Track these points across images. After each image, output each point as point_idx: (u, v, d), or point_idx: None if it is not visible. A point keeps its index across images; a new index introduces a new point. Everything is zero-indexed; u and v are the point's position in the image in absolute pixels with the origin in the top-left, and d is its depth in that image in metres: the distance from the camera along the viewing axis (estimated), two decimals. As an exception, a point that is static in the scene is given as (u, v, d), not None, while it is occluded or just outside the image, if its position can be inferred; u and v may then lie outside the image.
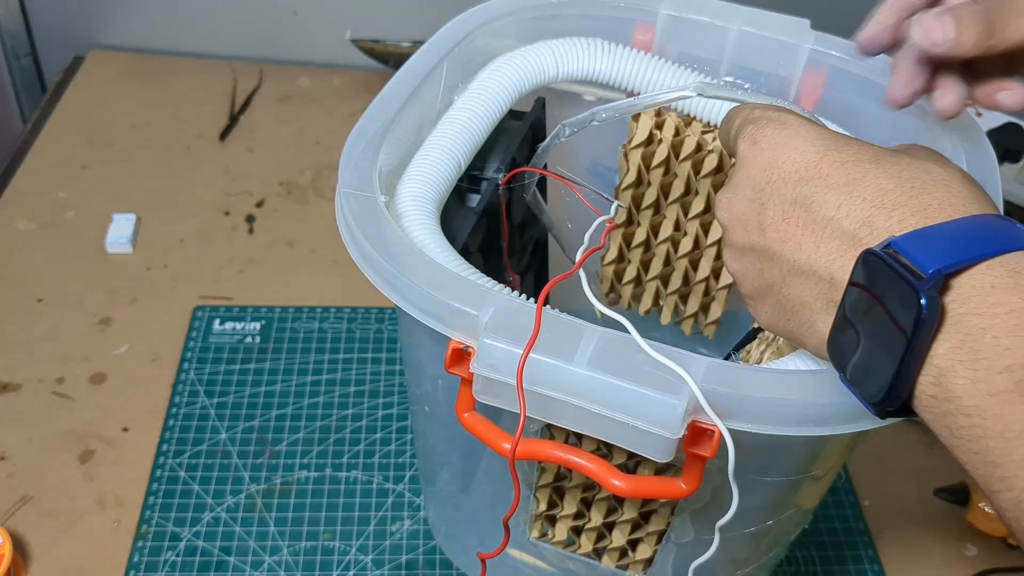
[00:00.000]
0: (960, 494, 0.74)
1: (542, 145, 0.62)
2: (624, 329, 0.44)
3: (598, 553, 0.58)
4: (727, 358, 0.58)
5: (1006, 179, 0.94)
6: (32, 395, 0.78)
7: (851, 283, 0.37)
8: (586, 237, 0.53)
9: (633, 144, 0.65)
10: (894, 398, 0.36)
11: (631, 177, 0.66)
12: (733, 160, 0.45)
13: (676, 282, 0.71)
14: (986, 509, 0.72)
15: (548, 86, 0.65)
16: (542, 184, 0.67)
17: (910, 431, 0.82)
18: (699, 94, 0.52)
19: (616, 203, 0.57)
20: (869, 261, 0.36)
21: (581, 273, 0.49)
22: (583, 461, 0.46)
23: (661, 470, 0.49)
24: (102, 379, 0.80)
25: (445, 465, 0.64)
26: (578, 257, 0.51)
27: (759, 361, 0.57)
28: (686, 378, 0.41)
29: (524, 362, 0.42)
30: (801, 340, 0.42)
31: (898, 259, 0.35)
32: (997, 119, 0.99)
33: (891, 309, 0.35)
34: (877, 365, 0.36)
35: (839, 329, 0.38)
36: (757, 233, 0.41)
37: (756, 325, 0.57)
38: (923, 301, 0.34)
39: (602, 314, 0.47)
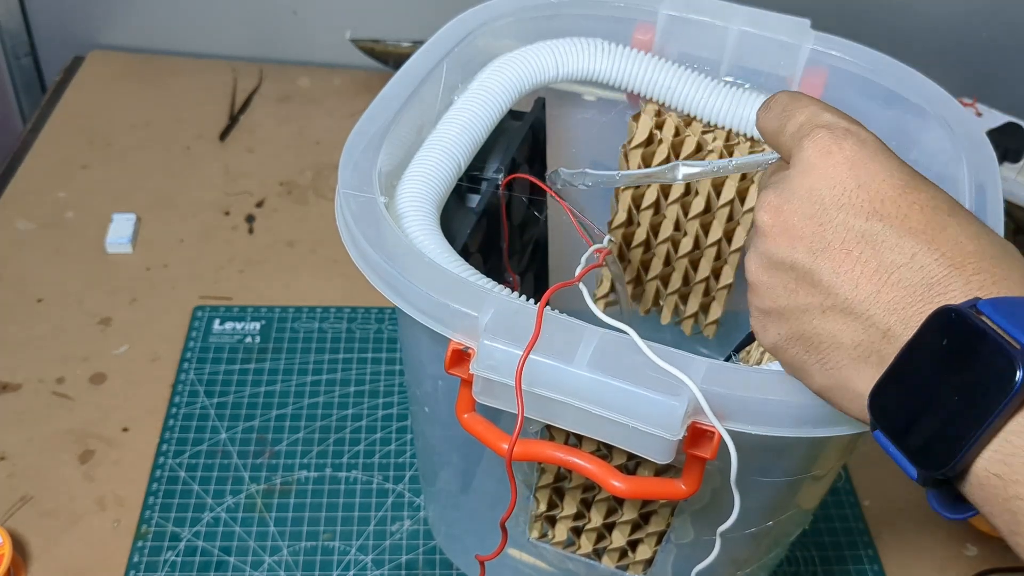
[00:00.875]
0: (960, 495, 0.74)
1: (557, 172, 0.61)
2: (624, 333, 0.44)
3: (598, 554, 0.58)
4: (727, 359, 0.58)
5: (1006, 179, 0.94)
6: (32, 395, 0.78)
7: (917, 339, 0.34)
8: (583, 259, 0.53)
9: (633, 144, 0.65)
10: (952, 470, 0.33)
11: (631, 177, 0.66)
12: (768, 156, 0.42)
13: (676, 282, 0.71)
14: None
15: (548, 86, 0.65)
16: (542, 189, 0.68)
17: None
18: (681, 178, 0.52)
19: (608, 236, 0.57)
20: (952, 319, 0.33)
21: (581, 286, 0.48)
22: (583, 462, 0.46)
23: (661, 471, 0.49)
24: (102, 379, 0.80)
25: (445, 465, 0.64)
26: (578, 272, 0.51)
27: (759, 362, 0.57)
28: (686, 381, 0.41)
29: (523, 365, 0.42)
30: (809, 375, 0.39)
31: (988, 323, 0.32)
32: (997, 119, 0.99)
33: (972, 375, 0.32)
34: (941, 432, 0.33)
35: (890, 385, 0.35)
36: (806, 253, 0.37)
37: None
38: (1020, 374, 0.31)
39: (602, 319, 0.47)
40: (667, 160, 0.66)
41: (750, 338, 0.58)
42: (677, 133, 0.65)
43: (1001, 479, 0.32)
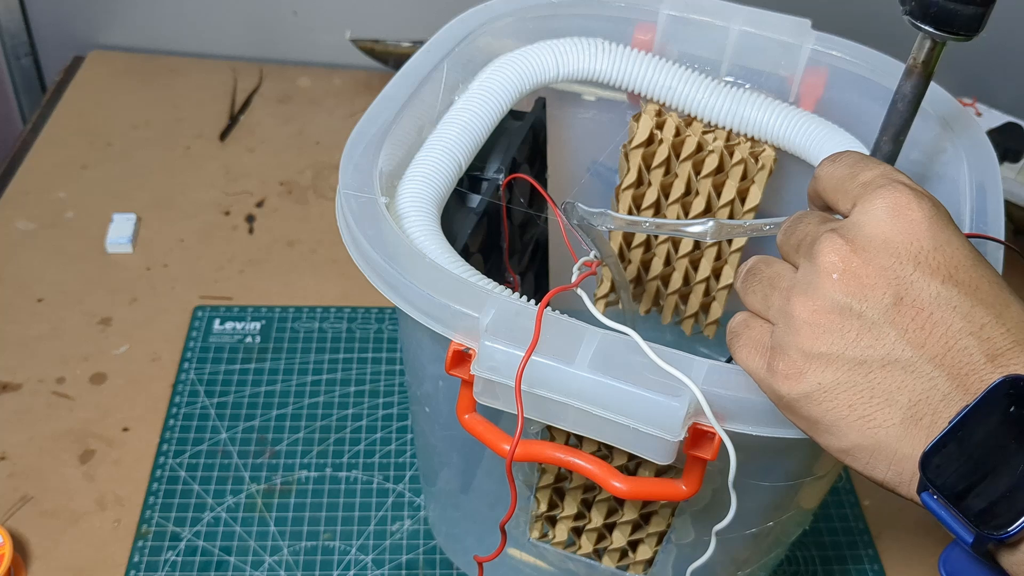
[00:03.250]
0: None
1: (562, 203, 0.61)
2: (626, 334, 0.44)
3: (598, 554, 0.58)
4: (729, 361, 0.58)
5: (1006, 179, 0.94)
6: (32, 395, 0.78)
7: (983, 403, 0.34)
8: (574, 269, 0.53)
9: (634, 144, 0.65)
10: (1015, 535, 0.33)
11: (632, 177, 0.66)
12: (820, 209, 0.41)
13: (676, 282, 0.71)
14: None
15: (548, 86, 0.65)
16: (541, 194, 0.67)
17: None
18: (711, 238, 0.50)
19: (593, 252, 0.56)
20: (1020, 385, 0.34)
21: (580, 291, 0.48)
22: (583, 463, 0.46)
23: (661, 472, 0.49)
24: (102, 379, 0.80)
25: (445, 465, 0.64)
26: (574, 278, 0.51)
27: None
28: (687, 383, 0.41)
29: (523, 369, 0.42)
30: (840, 432, 0.37)
31: None
32: (997, 119, 0.99)
33: None
34: (1008, 496, 0.34)
35: (949, 446, 0.35)
36: (876, 304, 0.36)
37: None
38: None
39: (604, 316, 0.47)
40: (667, 160, 0.66)
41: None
42: (677, 133, 0.65)
43: None
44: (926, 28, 0.45)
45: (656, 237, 0.69)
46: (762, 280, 0.41)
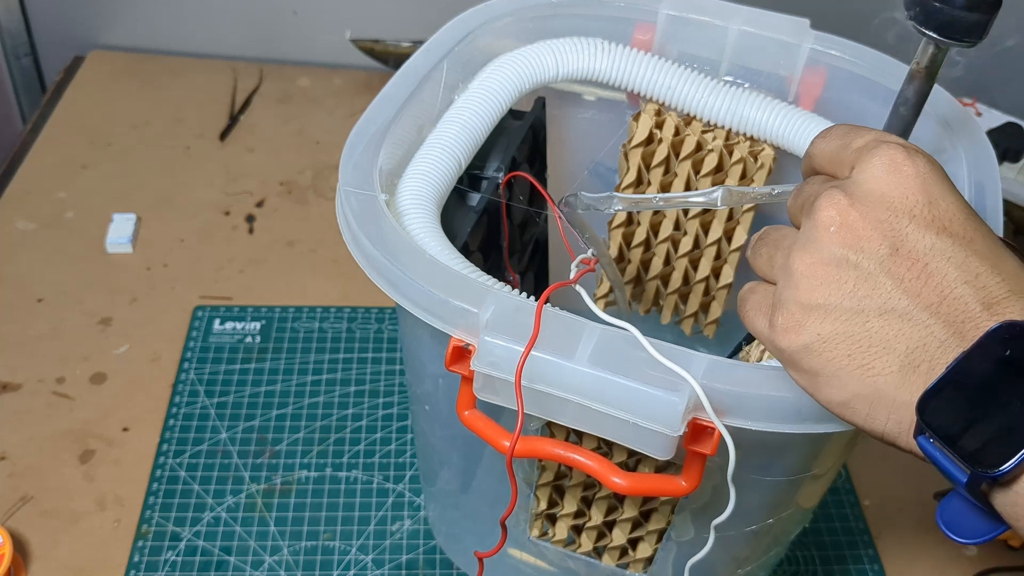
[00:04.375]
0: (960, 495, 0.74)
1: (564, 199, 0.61)
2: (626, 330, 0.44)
3: (598, 552, 0.58)
4: (729, 357, 0.58)
5: (1006, 179, 0.94)
6: (32, 395, 0.78)
7: (979, 348, 0.35)
8: (572, 267, 0.53)
9: (633, 143, 0.65)
10: (1008, 473, 0.34)
11: (631, 177, 0.66)
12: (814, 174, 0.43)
13: (676, 282, 0.71)
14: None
15: (548, 86, 0.65)
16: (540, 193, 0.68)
17: (910, 431, 0.82)
18: (721, 203, 0.50)
19: (591, 250, 0.56)
20: (1017, 331, 0.35)
21: (578, 288, 0.48)
22: (583, 459, 0.46)
23: (661, 468, 0.49)
24: (102, 379, 0.80)
25: (445, 464, 0.64)
26: (572, 274, 0.51)
27: (759, 359, 0.57)
28: (687, 377, 0.41)
29: (523, 363, 0.42)
30: (839, 383, 0.38)
31: None
32: (997, 119, 0.99)
33: None
34: (1002, 435, 0.34)
35: (945, 390, 0.36)
36: (872, 255, 0.37)
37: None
38: None
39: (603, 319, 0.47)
40: (667, 159, 0.66)
41: (748, 339, 0.58)
42: (677, 133, 0.65)
43: None
44: (930, 34, 0.46)
45: (656, 236, 0.69)
46: (768, 243, 0.42)
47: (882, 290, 0.37)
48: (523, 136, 0.64)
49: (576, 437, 0.49)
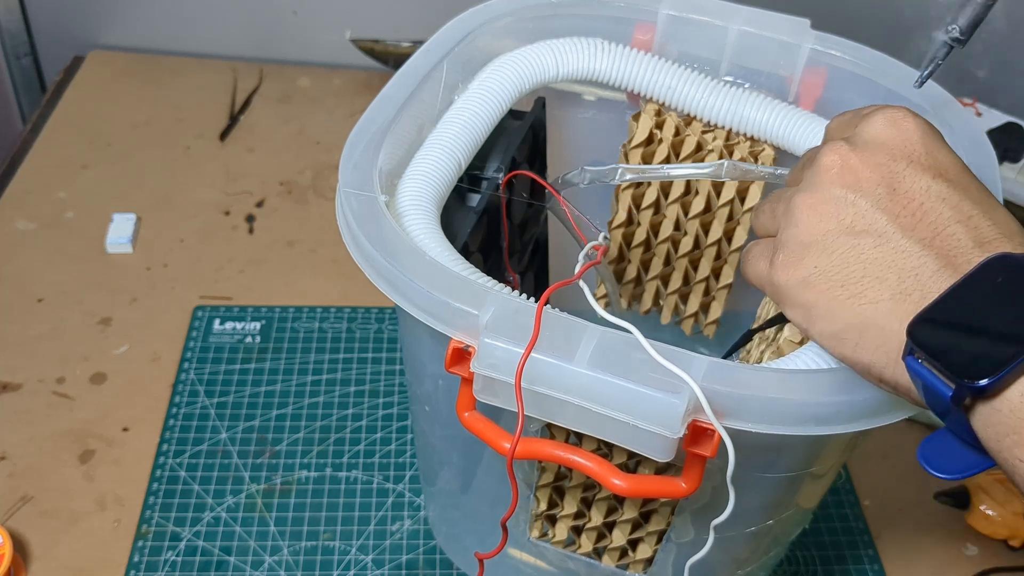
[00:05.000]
0: (960, 498, 0.74)
1: (562, 176, 0.61)
2: (627, 331, 0.44)
3: (598, 553, 0.58)
4: (726, 357, 0.58)
5: (1006, 179, 0.94)
6: (32, 395, 0.78)
7: (973, 276, 0.37)
8: (581, 256, 0.53)
9: (633, 144, 0.65)
10: (992, 385, 0.35)
11: (631, 177, 0.66)
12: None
13: (676, 282, 0.71)
14: (987, 512, 0.73)
15: (548, 86, 0.65)
16: (542, 189, 0.68)
17: (910, 431, 0.82)
18: (726, 176, 0.54)
19: (604, 233, 0.56)
20: (1010, 262, 0.36)
21: (582, 283, 0.48)
22: (583, 460, 0.46)
23: (661, 469, 0.49)
24: (102, 379, 0.80)
25: (445, 465, 0.64)
26: (577, 269, 0.51)
27: (759, 361, 0.57)
28: (687, 379, 0.41)
29: (523, 366, 0.42)
30: (832, 315, 0.40)
31: None
32: (997, 119, 0.99)
33: None
34: (990, 350, 0.35)
35: (937, 312, 0.37)
36: (869, 195, 0.40)
37: (755, 326, 0.57)
38: None
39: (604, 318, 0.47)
40: (667, 160, 0.66)
41: (745, 339, 0.58)
42: (677, 133, 0.65)
43: None
44: None
45: (656, 237, 0.69)
46: (771, 200, 0.45)
47: (878, 225, 0.39)
48: (523, 136, 0.64)
49: (576, 438, 0.49)
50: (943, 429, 0.39)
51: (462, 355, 0.46)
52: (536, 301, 0.45)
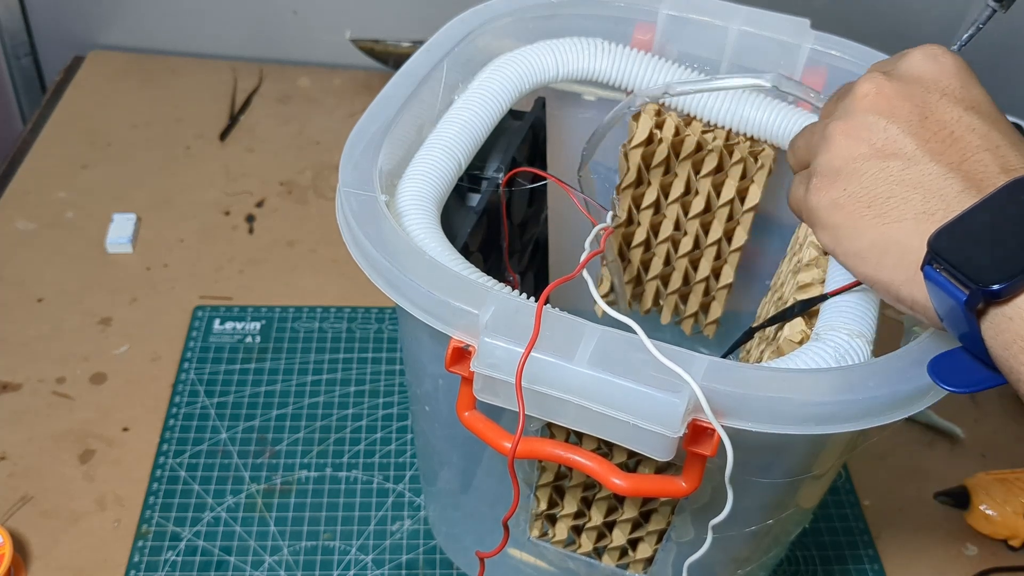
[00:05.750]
0: (960, 497, 0.74)
1: (612, 113, 0.61)
2: (628, 330, 0.44)
3: (598, 552, 0.58)
4: (725, 356, 0.58)
5: (1006, 179, 0.94)
6: (32, 395, 0.78)
7: (996, 195, 0.38)
8: (586, 243, 0.53)
9: (633, 144, 0.65)
10: (1009, 288, 0.36)
11: (631, 177, 0.66)
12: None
13: (676, 282, 0.71)
14: (987, 512, 0.73)
15: (548, 86, 0.65)
16: (542, 188, 0.68)
17: (910, 431, 0.82)
18: (774, 85, 0.54)
19: (611, 212, 0.57)
20: None
21: (586, 275, 0.48)
22: (583, 460, 0.46)
23: (662, 469, 0.49)
24: (102, 379, 0.80)
25: (445, 464, 0.64)
26: (583, 257, 0.51)
27: (759, 360, 0.57)
28: (687, 379, 0.41)
29: (523, 364, 0.42)
30: (857, 232, 0.41)
31: None
32: (997, 119, 0.99)
33: None
34: (1009, 254, 0.36)
35: (959, 225, 0.38)
36: (902, 122, 0.41)
37: (755, 325, 0.57)
38: None
39: (604, 313, 0.47)
40: (667, 159, 0.66)
41: (746, 337, 0.58)
42: (677, 133, 0.65)
43: None
44: None
45: (656, 237, 0.69)
46: (806, 132, 0.46)
47: (907, 149, 0.40)
48: (523, 136, 0.64)
49: (576, 438, 0.49)
50: (955, 348, 0.40)
51: (462, 355, 0.46)
52: (536, 300, 0.45)
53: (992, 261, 0.36)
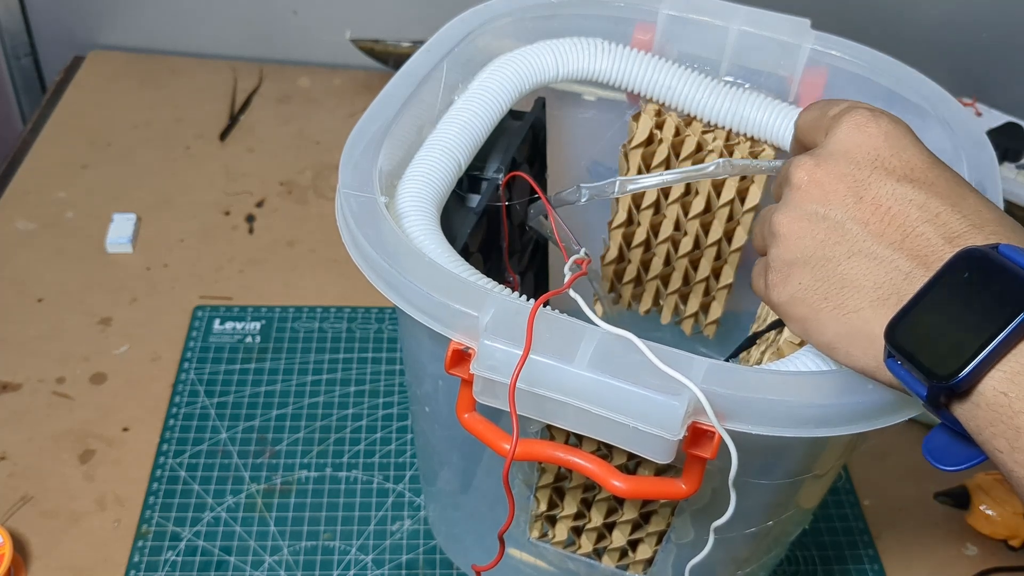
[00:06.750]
0: (960, 497, 0.74)
1: (556, 195, 0.61)
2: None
3: (598, 553, 0.58)
4: (728, 360, 0.58)
5: (1006, 179, 0.94)
6: (32, 395, 0.78)
7: (941, 274, 0.37)
8: (566, 271, 0.53)
9: (633, 144, 0.65)
10: (962, 384, 0.35)
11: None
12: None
13: (676, 282, 0.71)
14: (987, 512, 0.72)
15: (548, 86, 0.65)
16: (542, 188, 0.67)
17: (910, 431, 0.82)
18: (724, 174, 0.55)
19: (583, 249, 0.57)
20: (975, 257, 0.37)
21: (577, 296, 0.48)
22: (583, 462, 0.46)
23: (661, 471, 0.49)
24: (102, 379, 0.80)
25: (445, 465, 0.64)
26: (566, 279, 0.51)
27: (759, 362, 0.57)
28: (686, 383, 0.41)
29: (519, 372, 0.42)
30: (822, 325, 0.41)
31: (1007, 261, 0.36)
32: (997, 119, 0.99)
33: (991, 300, 0.36)
34: (956, 347, 0.36)
35: (910, 314, 0.38)
36: (839, 207, 0.41)
37: (756, 328, 0.57)
38: None
39: (603, 316, 0.47)
40: (667, 160, 0.66)
41: (747, 343, 0.58)
42: (677, 133, 0.65)
43: (1007, 396, 0.35)
44: None
45: (656, 237, 0.69)
46: (760, 221, 0.47)
47: (849, 235, 0.40)
48: (523, 136, 0.64)
49: (576, 439, 0.49)
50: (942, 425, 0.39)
51: (462, 357, 0.45)
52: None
53: (943, 353, 0.36)
